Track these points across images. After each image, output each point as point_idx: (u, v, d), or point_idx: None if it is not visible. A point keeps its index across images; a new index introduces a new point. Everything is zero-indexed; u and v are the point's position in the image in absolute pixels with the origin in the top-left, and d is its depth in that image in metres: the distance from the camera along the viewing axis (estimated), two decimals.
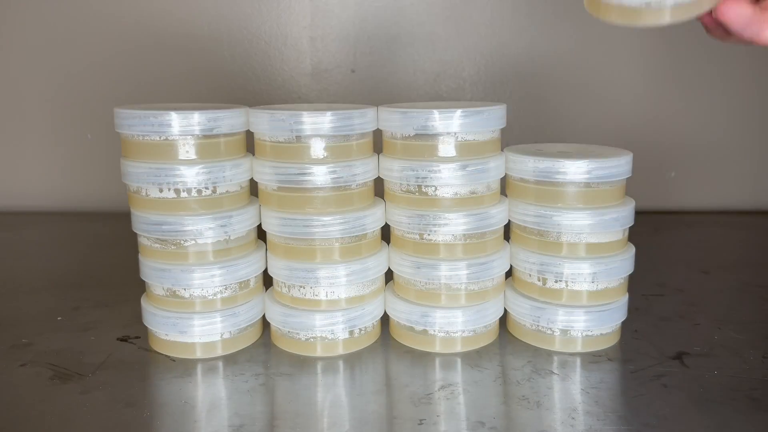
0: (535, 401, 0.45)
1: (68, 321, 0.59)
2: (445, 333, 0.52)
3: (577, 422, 0.42)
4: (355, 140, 0.51)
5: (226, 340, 0.52)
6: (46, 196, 1.01)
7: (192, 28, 0.96)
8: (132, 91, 0.97)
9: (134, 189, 0.51)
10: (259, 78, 0.97)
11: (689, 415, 0.43)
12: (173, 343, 0.52)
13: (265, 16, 0.96)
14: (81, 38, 0.96)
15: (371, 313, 0.53)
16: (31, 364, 0.51)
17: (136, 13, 0.95)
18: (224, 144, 0.51)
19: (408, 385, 0.47)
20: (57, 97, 0.99)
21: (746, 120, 0.99)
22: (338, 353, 0.52)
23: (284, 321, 0.52)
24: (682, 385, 0.47)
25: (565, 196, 0.51)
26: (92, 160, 1.00)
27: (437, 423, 0.42)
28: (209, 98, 0.96)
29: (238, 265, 0.52)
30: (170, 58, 0.96)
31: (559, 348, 0.52)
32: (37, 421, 0.43)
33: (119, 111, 0.49)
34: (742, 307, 0.62)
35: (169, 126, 0.48)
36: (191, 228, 0.50)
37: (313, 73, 0.97)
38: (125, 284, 0.67)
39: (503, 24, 0.95)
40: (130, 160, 0.50)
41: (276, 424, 0.43)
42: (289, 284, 0.52)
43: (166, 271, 0.51)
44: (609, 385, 0.47)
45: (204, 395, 0.47)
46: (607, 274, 0.51)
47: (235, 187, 0.52)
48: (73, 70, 0.97)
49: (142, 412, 0.44)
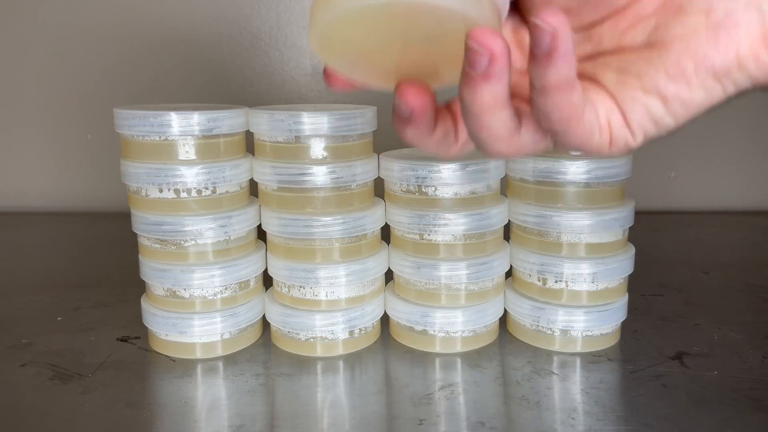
0: (534, 401, 0.45)
1: (68, 321, 0.59)
2: (445, 333, 0.52)
3: (577, 422, 0.42)
4: (355, 140, 0.51)
5: (226, 340, 0.52)
6: (46, 196, 1.01)
7: (192, 28, 0.96)
8: (132, 92, 0.97)
9: (134, 189, 0.51)
10: (259, 78, 0.97)
11: (689, 415, 0.43)
12: (173, 344, 0.52)
13: (265, 16, 0.96)
14: (80, 39, 0.96)
15: (371, 314, 0.53)
16: (30, 364, 0.51)
17: (136, 14, 0.95)
18: (224, 144, 0.51)
19: (408, 385, 0.47)
20: (57, 97, 0.98)
21: (746, 120, 0.99)
22: (338, 353, 0.52)
23: (284, 321, 0.52)
24: (682, 385, 0.47)
25: (565, 196, 0.51)
26: (92, 160, 1.00)
27: (437, 423, 0.42)
28: (209, 98, 0.96)
29: (238, 266, 0.52)
30: (170, 58, 0.96)
31: (559, 348, 0.52)
32: (37, 422, 0.43)
33: (119, 111, 0.49)
34: (742, 307, 0.62)
35: (168, 126, 0.48)
36: (191, 228, 0.50)
37: (313, 74, 0.97)
38: (125, 284, 0.67)
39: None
40: (129, 160, 0.50)
41: (276, 424, 0.43)
42: (289, 284, 0.52)
43: (166, 272, 0.51)
44: (609, 385, 0.47)
45: (204, 395, 0.47)
46: (607, 274, 0.51)
47: (235, 187, 0.52)
48: (73, 71, 0.97)
49: (142, 413, 0.44)
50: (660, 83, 0.25)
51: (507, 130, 0.25)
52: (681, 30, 0.25)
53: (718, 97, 0.25)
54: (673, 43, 0.25)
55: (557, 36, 0.21)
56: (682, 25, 0.25)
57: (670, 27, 0.25)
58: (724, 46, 0.24)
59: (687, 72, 0.25)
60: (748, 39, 0.24)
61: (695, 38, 0.24)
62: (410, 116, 0.25)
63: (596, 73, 0.27)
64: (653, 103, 0.25)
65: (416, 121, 0.25)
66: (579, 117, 0.25)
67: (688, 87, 0.25)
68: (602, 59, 0.27)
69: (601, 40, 0.27)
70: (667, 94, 0.25)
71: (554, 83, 0.23)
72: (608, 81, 0.26)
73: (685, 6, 0.25)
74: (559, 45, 0.22)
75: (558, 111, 0.24)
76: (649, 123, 0.26)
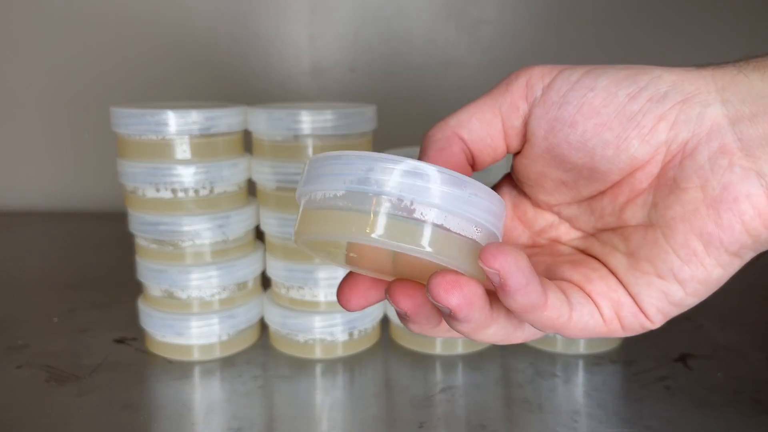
0: (537, 404, 0.44)
1: (64, 322, 0.58)
2: None
3: (580, 425, 0.42)
4: (355, 139, 0.51)
5: (224, 342, 0.52)
6: (41, 196, 1.01)
7: (190, 26, 0.95)
8: (129, 90, 0.97)
9: (131, 189, 0.50)
10: (258, 76, 0.97)
11: (692, 418, 0.43)
12: (170, 345, 0.51)
13: (263, 15, 0.95)
14: (78, 37, 0.96)
15: (371, 315, 0.53)
16: (27, 366, 0.50)
17: (134, 12, 0.95)
18: (222, 143, 0.50)
19: (408, 388, 0.47)
20: (53, 96, 0.98)
21: None
22: (337, 355, 0.52)
23: (283, 322, 0.52)
24: (686, 387, 0.46)
25: None
26: (88, 159, 0.99)
27: (438, 426, 0.42)
28: (207, 97, 0.96)
29: (236, 266, 0.51)
30: (168, 56, 0.96)
31: (561, 350, 0.52)
32: (33, 424, 0.42)
33: (115, 110, 0.49)
34: (746, 308, 0.62)
35: (166, 125, 0.47)
36: (188, 228, 0.49)
37: (312, 72, 0.96)
38: (122, 285, 0.66)
39: (505, 22, 0.94)
40: (126, 159, 0.49)
41: (274, 426, 0.42)
42: (287, 285, 0.52)
43: (163, 272, 0.50)
44: (612, 387, 0.47)
45: (202, 398, 0.46)
46: None
47: (233, 186, 0.51)
48: (71, 70, 0.97)
49: (139, 415, 0.43)
50: (674, 267, 0.24)
51: (505, 334, 0.25)
52: (681, 209, 0.23)
53: (738, 267, 0.24)
54: (675, 223, 0.23)
55: (504, 276, 0.21)
56: (680, 204, 0.23)
57: (669, 206, 0.24)
58: (728, 222, 0.23)
59: (698, 253, 0.23)
60: (754, 209, 0.22)
61: (697, 217, 0.23)
62: (407, 316, 0.24)
63: (605, 256, 0.26)
64: (671, 288, 0.24)
65: (414, 320, 0.25)
66: (565, 324, 0.24)
67: (704, 267, 0.23)
68: (607, 237, 0.26)
69: (602, 214, 0.26)
70: (683, 278, 0.24)
71: (520, 309, 0.22)
72: (619, 267, 0.25)
73: (679, 181, 0.23)
74: (507, 283, 0.21)
75: (539, 325, 0.24)
76: (670, 307, 0.25)
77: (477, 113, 0.27)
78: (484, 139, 0.27)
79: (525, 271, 0.21)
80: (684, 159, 0.23)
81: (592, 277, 0.25)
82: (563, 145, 0.25)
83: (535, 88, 0.26)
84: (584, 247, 0.28)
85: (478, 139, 0.27)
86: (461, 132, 0.27)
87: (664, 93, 0.24)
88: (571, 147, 0.25)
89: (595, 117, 0.24)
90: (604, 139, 0.24)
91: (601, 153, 0.24)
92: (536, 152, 0.26)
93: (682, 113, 0.23)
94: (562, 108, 0.25)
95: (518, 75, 0.26)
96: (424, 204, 0.21)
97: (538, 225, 0.29)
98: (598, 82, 0.24)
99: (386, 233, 0.21)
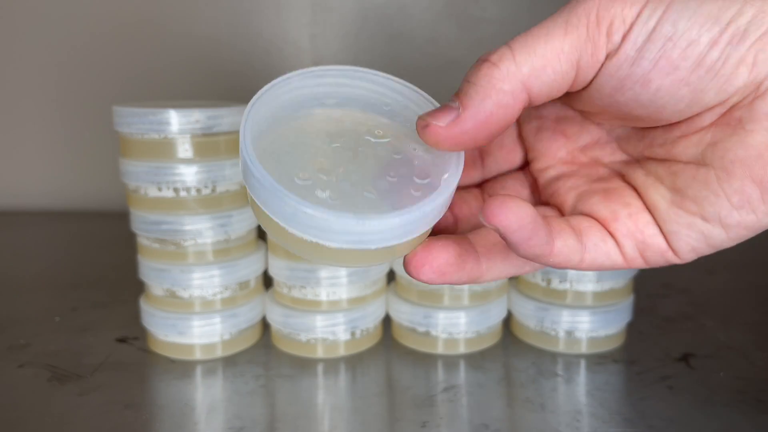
0: (539, 403, 0.44)
1: (66, 322, 0.58)
2: (447, 334, 0.52)
3: (582, 425, 0.42)
4: None
5: (225, 341, 0.52)
6: (42, 195, 1.01)
7: (191, 25, 0.95)
8: (130, 89, 0.97)
9: (133, 188, 0.50)
10: (259, 75, 0.96)
11: (695, 418, 0.42)
12: (172, 344, 0.51)
13: (264, 14, 0.95)
14: (79, 36, 0.96)
15: (373, 314, 0.53)
16: (28, 365, 0.50)
17: (135, 11, 0.95)
18: (224, 142, 0.50)
19: (410, 387, 0.47)
20: (54, 95, 0.98)
21: None
22: (339, 355, 0.52)
23: (285, 322, 0.52)
24: (688, 387, 0.46)
25: None
26: (90, 159, 0.99)
27: (440, 425, 0.42)
28: (209, 96, 0.95)
29: (239, 266, 0.51)
30: (169, 55, 0.96)
31: (563, 349, 0.52)
32: (35, 423, 0.42)
33: (117, 109, 0.49)
34: (749, 307, 0.62)
35: (168, 124, 0.47)
36: (190, 227, 0.49)
37: None
38: (124, 284, 0.66)
39: (507, 21, 0.94)
40: (128, 158, 0.49)
41: (276, 426, 0.42)
42: (289, 284, 0.52)
43: (165, 271, 0.50)
44: (614, 387, 0.47)
45: (204, 397, 0.46)
46: (612, 274, 0.51)
47: (236, 186, 0.51)
48: (72, 69, 0.97)
49: (141, 414, 0.43)
50: (722, 212, 0.23)
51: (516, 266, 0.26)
52: (742, 152, 0.22)
53: None
54: (734, 167, 0.22)
55: (505, 234, 0.21)
56: (743, 147, 0.22)
57: (729, 148, 0.22)
58: None
59: (753, 201, 0.22)
60: None
61: (759, 163, 0.22)
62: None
63: (646, 188, 0.25)
64: (714, 231, 0.23)
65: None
66: (576, 265, 0.24)
67: (755, 214, 0.23)
68: (653, 167, 0.25)
69: (653, 143, 0.25)
70: (730, 223, 0.23)
71: (524, 256, 0.22)
72: (660, 202, 0.24)
73: (744, 123, 0.22)
74: (509, 239, 0.21)
75: (548, 266, 0.24)
76: (707, 248, 0.24)
77: (554, 62, 0.23)
78: (550, 94, 0.24)
79: (527, 227, 0.20)
80: (756, 99, 0.22)
81: (621, 214, 0.24)
82: (630, 104, 0.23)
83: (615, 36, 0.22)
84: (625, 172, 0.26)
85: (544, 95, 0.23)
86: (531, 85, 0.23)
87: (745, 29, 0.21)
88: (638, 105, 0.23)
89: (673, 73, 0.22)
90: (678, 96, 0.22)
91: (672, 108, 0.23)
92: (596, 102, 0.24)
93: (761, 52, 0.21)
94: (635, 64, 0.22)
95: (599, 10, 0.22)
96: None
97: (582, 141, 0.27)
98: (678, 26, 0.21)
99: (342, 261, 0.25)
